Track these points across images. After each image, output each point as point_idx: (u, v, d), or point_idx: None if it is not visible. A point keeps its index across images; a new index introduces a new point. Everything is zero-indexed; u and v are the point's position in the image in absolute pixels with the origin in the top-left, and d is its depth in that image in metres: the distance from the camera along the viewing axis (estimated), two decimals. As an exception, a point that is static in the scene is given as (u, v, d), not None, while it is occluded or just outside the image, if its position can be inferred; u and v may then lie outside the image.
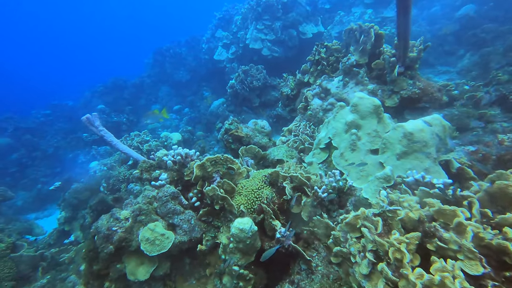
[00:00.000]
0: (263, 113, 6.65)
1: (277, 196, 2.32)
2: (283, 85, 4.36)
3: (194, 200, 2.26)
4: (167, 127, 10.19)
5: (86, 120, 2.66)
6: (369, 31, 3.19)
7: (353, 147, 2.40)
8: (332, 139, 2.61)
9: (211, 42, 9.74)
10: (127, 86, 12.11)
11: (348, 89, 3.19)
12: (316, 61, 3.71)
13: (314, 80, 3.77)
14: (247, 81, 6.16)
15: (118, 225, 1.87)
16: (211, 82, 10.86)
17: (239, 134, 3.48)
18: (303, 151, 3.03)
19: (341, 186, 2.17)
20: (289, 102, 4.25)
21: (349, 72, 3.21)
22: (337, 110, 2.70)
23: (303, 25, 7.93)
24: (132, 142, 4.94)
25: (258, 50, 7.77)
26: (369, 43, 3.20)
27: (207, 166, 2.34)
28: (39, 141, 9.08)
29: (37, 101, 14.81)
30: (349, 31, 3.42)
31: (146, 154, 4.57)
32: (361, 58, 3.30)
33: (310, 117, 3.37)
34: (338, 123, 2.62)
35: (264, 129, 3.80)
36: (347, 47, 3.65)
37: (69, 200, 3.83)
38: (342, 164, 2.43)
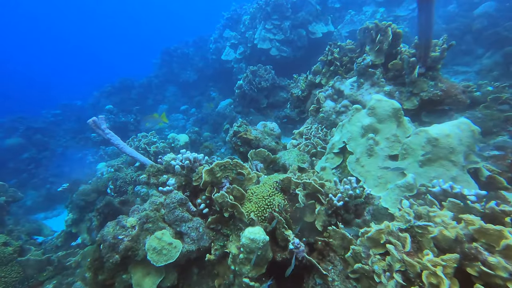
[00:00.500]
0: (271, 114, 6.54)
1: (289, 203, 2.20)
2: (293, 86, 4.23)
3: (202, 206, 2.16)
4: (174, 128, 10.19)
5: (93, 123, 2.61)
6: (386, 30, 3.03)
7: (370, 153, 2.26)
8: (347, 143, 2.48)
9: (218, 42, 9.68)
10: (134, 86, 12.18)
11: (363, 90, 3.05)
12: (328, 62, 3.57)
13: (326, 81, 3.64)
14: (255, 81, 6.06)
15: (124, 233, 1.79)
16: (218, 83, 10.81)
17: (248, 136, 3.38)
18: (315, 155, 2.90)
19: (358, 194, 2.04)
20: (299, 103, 4.13)
21: (364, 73, 3.07)
22: (352, 113, 2.56)
23: (313, 24, 7.78)
24: (139, 143, 4.90)
25: (266, 50, 7.66)
26: (386, 43, 3.05)
27: (216, 171, 2.24)
28: (49, 140, 9.20)
29: (48, 101, 15.08)
30: (365, 30, 3.27)
31: (153, 156, 4.52)
32: (377, 58, 3.15)
33: (322, 119, 3.24)
34: (354, 127, 2.48)
35: (273, 132, 3.69)
36: (361, 46, 3.51)
37: (76, 202, 3.80)
38: (358, 170, 2.30)
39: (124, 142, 2.73)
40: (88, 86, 18.80)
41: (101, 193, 4.01)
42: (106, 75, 22.21)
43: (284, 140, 6.62)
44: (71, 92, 20.22)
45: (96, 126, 2.63)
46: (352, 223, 2.08)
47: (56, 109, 12.68)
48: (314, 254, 2.02)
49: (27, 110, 13.31)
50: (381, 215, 1.97)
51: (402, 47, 3.12)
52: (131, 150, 2.66)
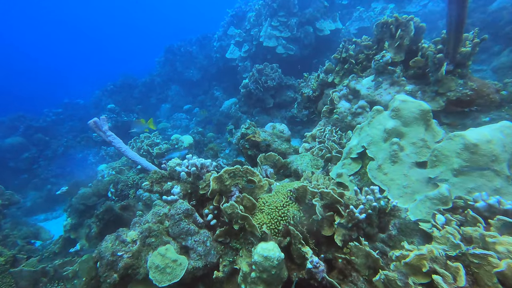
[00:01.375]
0: (277, 115, 6.33)
1: (305, 215, 2.00)
2: (304, 85, 4.02)
3: (210, 218, 1.97)
4: (177, 128, 10.02)
5: (93, 124, 2.43)
6: (407, 24, 2.81)
7: (394, 159, 2.05)
8: (367, 148, 2.26)
9: (223, 40, 9.47)
10: (137, 85, 12.02)
11: (381, 90, 2.83)
12: (342, 59, 3.35)
13: (340, 80, 3.42)
14: (262, 80, 5.85)
15: (124, 249, 1.60)
16: (222, 82, 10.61)
17: (256, 139, 3.18)
18: (330, 160, 2.69)
19: (383, 206, 1.84)
20: (310, 104, 3.91)
21: (383, 71, 2.85)
22: (372, 115, 2.35)
23: (320, 21, 7.54)
24: (141, 144, 4.72)
25: (272, 48, 7.44)
26: (407, 38, 2.82)
27: (225, 178, 2.04)
28: (50, 140, 9.07)
29: (50, 99, 14.97)
30: (383, 24, 3.05)
31: (156, 157, 4.34)
32: (397, 55, 2.93)
33: (336, 121, 3.03)
34: (375, 130, 2.27)
35: (283, 134, 3.48)
36: (378, 43, 3.28)
37: (76, 206, 3.63)
38: (380, 178, 2.09)
39: (126, 145, 2.54)
40: (91, 84, 18.70)
41: (102, 196, 3.84)
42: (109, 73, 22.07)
43: (292, 142, 6.42)
44: (73, 90, 20.13)
45: (97, 128, 2.44)
46: (376, 237, 1.88)
47: (58, 107, 12.56)
48: (333, 273, 1.82)
49: (28, 108, 13.25)
50: (410, 230, 1.76)
51: (423, 43, 2.90)
52: (133, 154, 2.48)
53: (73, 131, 11.13)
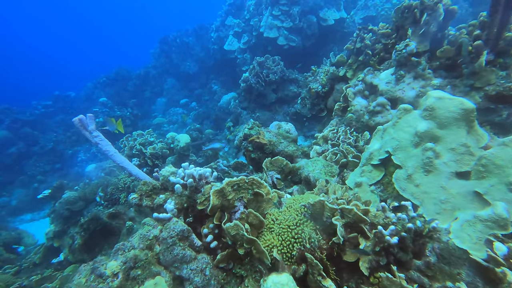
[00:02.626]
0: (280, 111, 5.97)
1: (322, 235, 1.68)
2: (312, 80, 3.66)
3: (210, 239, 1.64)
4: (174, 123, 9.61)
5: (78, 122, 2.06)
6: (435, 8, 2.45)
7: (428, 168, 1.72)
8: (393, 154, 1.93)
9: (220, 31, 8.98)
10: (131, 77, 11.50)
11: (404, 85, 2.49)
12: (356, 50, 2.99)
13: (353, 74, 3.07)
14: (263, 74, 5.46)
15: (101, 286, 1.26)
16: (220, 75, 10.15)
17: (260, 141, 2.83)
18: (345, 166, 2.37)
19: (420, 228, 1.52)
20: (319, 100, 3.56)
21: (406, 63, 2.50)
22: (398, 115, 2.01)
23: (324, 10, 7.10)
24: (134, 143, 4.34)
25: (273, 39, 7.01)
26: (434, 24, 2.47)
27: (227, 192, 1.70)
28: (38, 134, 8.61)
29: (39, 91, 14.34)
30: (404, 9, 2.69)
31: (150, 158, 3.97)
32: (421, 44, 2.58)
33: (351, 121, 2.69)
34: (402, 133, 1.94)
35: (290, 134, 3.14)
36: (398, 30, 2.92)
37: (60, 211, 3.28)
38: (410, 190, 1.77)
39: (115, 149, 2.18)
40: (83, 76, 18.04)
41: (89, 201, 3.49)
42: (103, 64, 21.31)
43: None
44: (65, 82, 19.42)
45: (83, 127, 2.07)
46: (410, 265, 1.57)
47: (48, 100, 12.01)
48: (360, 309, 1.52)
49: (15, 100, 12.67)
50: (455, 259, 1.45)
51: (450, 30, 2.55)
52: (122, 159, 2.12)
53: (63, 125, 10.63)
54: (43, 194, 3.68)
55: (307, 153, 2.88)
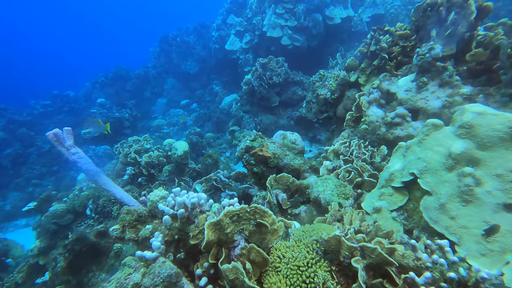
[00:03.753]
0: (283, 114, 5.69)
1: (339, 279, 1.41)
2: (320, 85, 3.37)
3: (203, 283, 1.37)
4: (174, 125, 9.36)
5: (53, 137, 1.80)
6: (465, 5, 2.16)
7: (466, 197, 1.44)
8: (420, 177, 1.65)
9: (222, 30, 8.69)
10: (130, 77, 11.26)
11: (427, 93, 2.20)
12: (371, 53, 2.70)
13: (367, 79, 2.78)
14: (266, 76, 5.17)
15: None
16: (222, 75, 9.87)
17: (264, 154, 2.56)
18: (360, 186, 2.09)
19: (464, 278, 1.24)
20: (327, 107, 3.28)
21: (429, 68, 2.21)
22: (426, 131, 1.73)
23: (330, 8, 6.79)
24: (129, 150, 4.08)
25: (276, 38, 6.71)
26: (463, 24, 2.17)
27: (225, 225, 1.43)
28: (35, 135, 8.40)
29: (39, 90, 14.13)
30: (428, 6, 2.39)
31: (145, 168, 3.71)
32: (447, 47, 2.28)
33: (365, 133, 2.40)
34: (431, 153, 1.65)
35: (295, 145, 2.86)
36: (417, 31, 2.63)
37: (46, 226, 3.04)
38: (444, 222, 1.48)
39: (97, 168, 1.91)
40: (83, 74, 17.83)
41: (79, 214, 3.24)
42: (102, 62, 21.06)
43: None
44: (64, 81, 19.22)
45: (58, 142, 1.81)
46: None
47: (46, 99, 11.81)
48: None
49: (14, 100, 12.49)
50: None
51: (479, 30, 2.25)
52: (105, 180, 1.86)
53: (61, 125, 10.39)
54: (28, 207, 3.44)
55: (315, 168, 2.61)
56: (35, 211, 3.39)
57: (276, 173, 2.80)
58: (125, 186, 3.66)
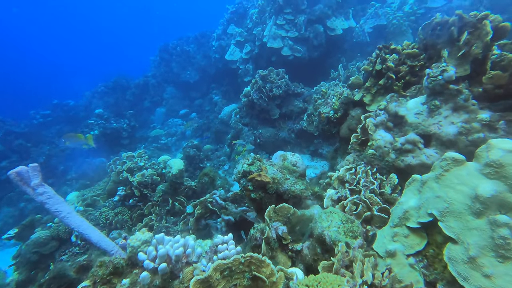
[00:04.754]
0: (284, 127, 5.49)
1: None
2: (322, 103, 3.19)
3: None
4: (172, 135, 9.18)
5: (16, 177, 1.59)
6: (479, 25, 1.99)
7: (503, 252, 1.22)
8: (441, 219, 1.44)
9: (222, 39, 8.61)
10: (130, 86, 11.17)
11: (440, 118, 2.00)
12: (376, 72, 2.53)
13: (372, 99, 2.60)
14: (266, 88, 5.01)
15: None
16: (221, 84, 9.75)
17: (262, 179, 2.36)
18: (369, 221, 1.88)
19: None
20: (330, 126, 3.09)
21: (442, 91, 2.02)
22: (445, 166, 1.52)
23: (332, 19, 6.68)
24: (122, 167, 3.89)
25: (277, 49, 6.59)
26: (478, 44, 2.00)
27: (215, 281, 1.22)
28: (31, 147, 8.24)
29: (40, 101, 14.05)
30: (437, 25, 2.22)
31: (137, 188, 3.51)
32: (460, 68, 2.10)
33: (372, 158, 2.20)
34: (452, 192, 1.44)
35: (297, 168, 2.66)
36: (426, 49, 2.45)
37: (27, 255, 2.82)
38: (477, 281, 1.26)
39: (70, 208, 1.70)
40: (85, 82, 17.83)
41: (63, 241, 3.02)
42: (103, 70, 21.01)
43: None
44: (66, 90, 19.22)
45: (23, 182, 1.61)
46: None
47: (46, 109, 11.73)
48: None
49: (14, 109, 12.40)
50: None
51: (494, 49, 2.07)
52: (79, 222, 1.64)
53: (60, 135, 10.30)
54: (8, 235, 3.21)
55: (318, 195, 2.40)
56: (16, 238, 3.17)
57: (275, 199, 2.60)
58: (115, 208, 3.45)
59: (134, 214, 3.43)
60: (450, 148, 1.92)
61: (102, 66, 29.82)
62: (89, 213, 3.32)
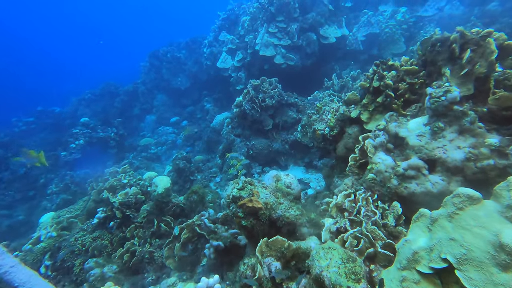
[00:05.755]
0: (277, 138, 5.31)
1: None
2: (316, 118, 3.02)
3: None
4: (162, 144, 8.87)
5: None
6: (482, 43, 1.86)
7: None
8: (458, 268, 1.26)
9: (213, 46, 8.43)
10: (118, 93, 10.83)
11: (444, 141, 1.85)
12: (374, 89, 2.37)
13: (370, 116, 2.44)
14: (258, 99, 4.83)
15: None
16: (213, 91, 9.53)
17: (254, 205, 2.15)
18: (372, 258, 1.68)
19: None
20: (326, 144, 2.92)
21: (445, 113, 1.87)
22: (458, 204, 1.35)
23: (325, 27, 6.59)
24: (104, 185, 3.61)
25: (270, 57, 6.44)
26: (482, 63, 1.86)
27: None
28: (11, 157, 7.78)
29: (23, 107, 13.46)
30: (437, 42, 2.09)
31: (119, 209, 3.24)
32: (464, 87, 1.96)
33: (372, 183, 2.03)
34: (470, 236, 1.27)
35: (291, 189, 2.47)
36: (425, 66, 2.32)
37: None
38: None
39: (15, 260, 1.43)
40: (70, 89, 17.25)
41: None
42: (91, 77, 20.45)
43: (294, 172, 5.40)
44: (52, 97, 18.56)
45: None
46: None
47: (30, 116, 11.23)
48: None
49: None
50: None
51: (497, 67, 1.95)
52: (26, 278, 1.38)
53: (43, 144, 9.83)
54: None
55: (314, 222, 2.20)
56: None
57: (268, 226, 2.38)
58: (94, 231, 3.17)
59: (115, 238, 3.15)
60: (457, 175, 1.77)
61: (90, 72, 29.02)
62: (63, 238, 3.02)
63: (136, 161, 7.35)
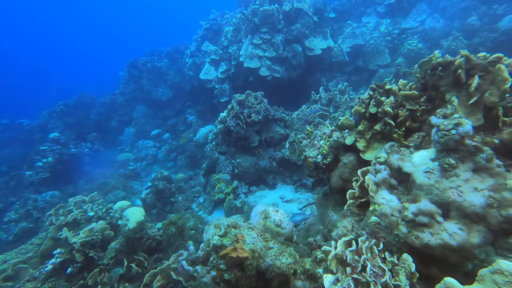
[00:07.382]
0: (264, 155, 5.00)
1: None
2: (307, 144, 2.74)
3: None
4: (142, 159, 8.30)
5: None
6: (491, 69, 1.66)
7: None
8: None
9: (196, 56, 8.08)
10: (94, 104, 10.16)
11: (459, 181, 1.60)
12: (370, 115, 2.12)
13: (367, 145, 2.18)
14: (244, 114, 4.51)
15: None
16: (197, 103, 9.12)
17: (238, 255, 1.79)
18: (384, 333, 1.37)
19: None
20: (319, 172, 2.63)
21: (457, 148, 1.63)
22: (503, 285, 1.07)
23: (310, 39, 6.45)
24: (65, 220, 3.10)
25: (254, 69, 6.18)
26: (493, 92, 1.66)
27: None
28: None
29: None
30: (438, 65, 1.87)
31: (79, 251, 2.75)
32: (473, 117, 1.75)
33: (376, 228, 1.74)
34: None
35: (282, 229, 2.14)
36: (425, 90, 2.11)
37: None
38: None
39: None
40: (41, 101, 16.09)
41: None
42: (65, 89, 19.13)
43: (282, 192, 5.08)
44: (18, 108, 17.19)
45: None
46: None
47: (-7, 129, 10.28)
48: None
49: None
50: None
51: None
52: None
53: (8, 160, 8.94)
54: None
55: (310, 274, 1.87)
56: None
57: (255, 279, 2.03)
58: (48, 280, 2.66)
59: (73, 287, 2.66)
60: (478, 224, 1.51)
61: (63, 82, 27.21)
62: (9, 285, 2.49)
63: (112, 180, 6.75)
